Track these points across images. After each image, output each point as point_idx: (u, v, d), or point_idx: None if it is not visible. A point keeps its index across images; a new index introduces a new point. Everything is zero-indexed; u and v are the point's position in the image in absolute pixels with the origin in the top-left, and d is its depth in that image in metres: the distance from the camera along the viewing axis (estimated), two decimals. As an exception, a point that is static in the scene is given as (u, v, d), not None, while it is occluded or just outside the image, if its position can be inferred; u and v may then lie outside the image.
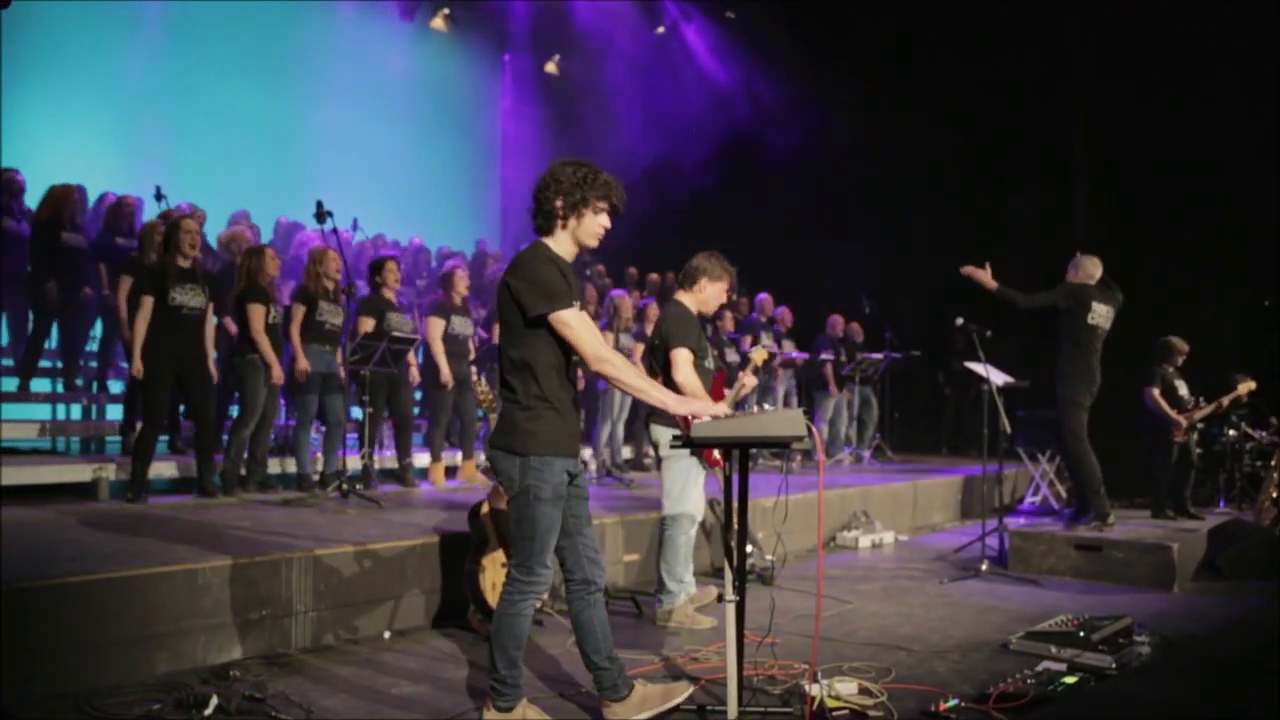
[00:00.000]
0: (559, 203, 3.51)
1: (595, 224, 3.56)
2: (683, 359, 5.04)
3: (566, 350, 3.49)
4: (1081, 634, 4.78)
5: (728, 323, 10.40)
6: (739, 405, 5.32)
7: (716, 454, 5.02)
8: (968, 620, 5.55)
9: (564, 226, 3.54)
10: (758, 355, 5.68)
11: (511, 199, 16.17)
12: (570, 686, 4.17)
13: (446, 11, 14.82)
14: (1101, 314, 7.18)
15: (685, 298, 5.34)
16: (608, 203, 3.56)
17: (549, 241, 3.57)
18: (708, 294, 5.30)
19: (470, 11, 15.34)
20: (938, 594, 6.26)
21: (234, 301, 7.02)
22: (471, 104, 15.97)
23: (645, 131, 14.97)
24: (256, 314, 6.90)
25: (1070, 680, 4.26)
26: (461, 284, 8.16)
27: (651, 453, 9.93)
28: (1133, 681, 4.45)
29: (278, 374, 6.96)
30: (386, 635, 4.91)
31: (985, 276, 7.13)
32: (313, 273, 7.30)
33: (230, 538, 5.09)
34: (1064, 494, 9.86)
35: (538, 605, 3.59)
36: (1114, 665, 4.50)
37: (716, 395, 5.24)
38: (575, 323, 3.42)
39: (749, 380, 5.46)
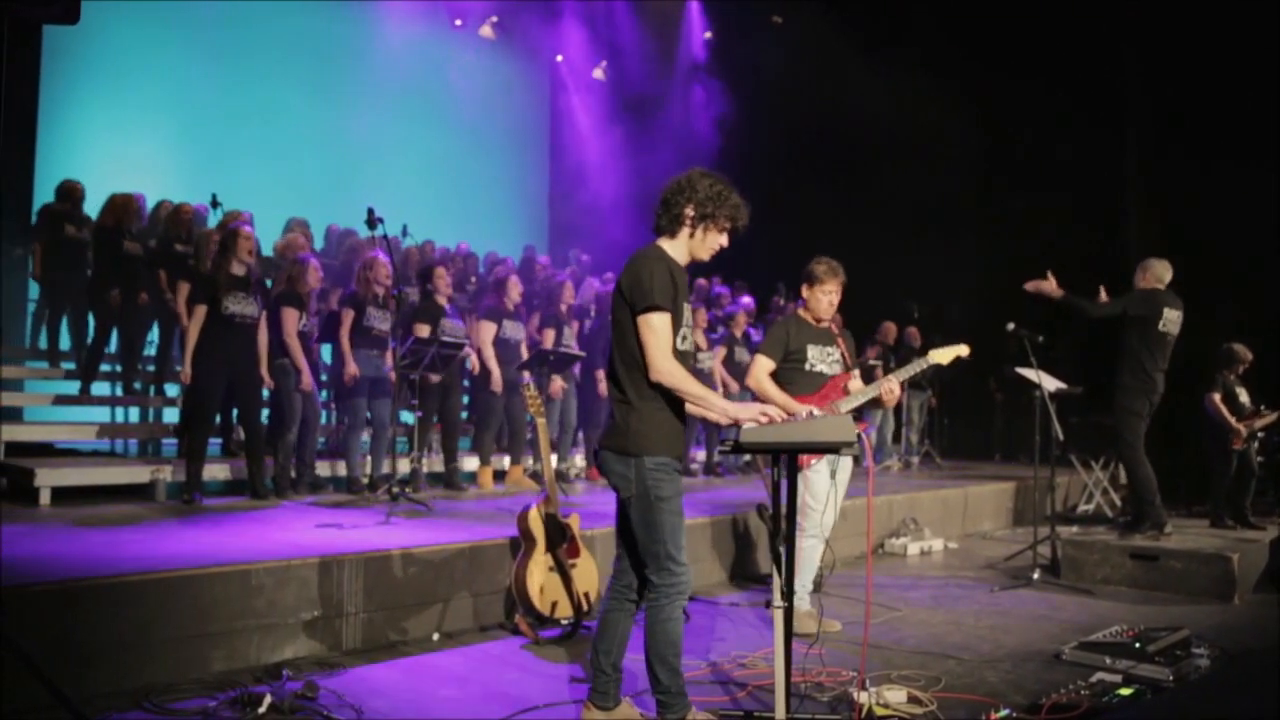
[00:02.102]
0: (690, 210, 3.54)
1: (715, 240, 3.59)
2: (757, 365, 5.28)
3: (672, 346, 3.47)
4: (1137, 645, 4.69)
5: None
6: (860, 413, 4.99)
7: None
8: (1019, 629, 5.47)
9: (689, 235, 3.57)
10: (941, 356, 5.06)
11: (558, 204, 16.26)
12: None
13: (495, 19, 14.94)
14: (1173, 320, 6.88)
15: (800, 310, 5.49)
16: (732, 224, 3.59)
17: (664, 244, 3.59)
18: (808, 299, 5.41)
19: (519, 18, 15.46)
20: (988, 602, 6.18)
21: (270, 304, 7.13)
22: (520, 109, 16.07)
23: (693, 138, 14.98)
24: (290, 318, 7.02)
25: (1125, 692, 4.18)
26: (515, 290, 8.26)
27: (699, 459, 9.95)
28: (1190, 695, 4.34)
29: (307, 380, 7.06)
30: (435, 637, 4.96)
31: (1050, 286, 6.90)
32: (363, 279, 7.41)
33: (282, 539, 5.19)
34: (1118, 502, 9.69)
35: (683, 603, 3.58)
36: (1171, 678, 4.41)
37: (827, 398, 5.19)
38: (658, 326, 3.41)
39: (890, 387, 5.01)
